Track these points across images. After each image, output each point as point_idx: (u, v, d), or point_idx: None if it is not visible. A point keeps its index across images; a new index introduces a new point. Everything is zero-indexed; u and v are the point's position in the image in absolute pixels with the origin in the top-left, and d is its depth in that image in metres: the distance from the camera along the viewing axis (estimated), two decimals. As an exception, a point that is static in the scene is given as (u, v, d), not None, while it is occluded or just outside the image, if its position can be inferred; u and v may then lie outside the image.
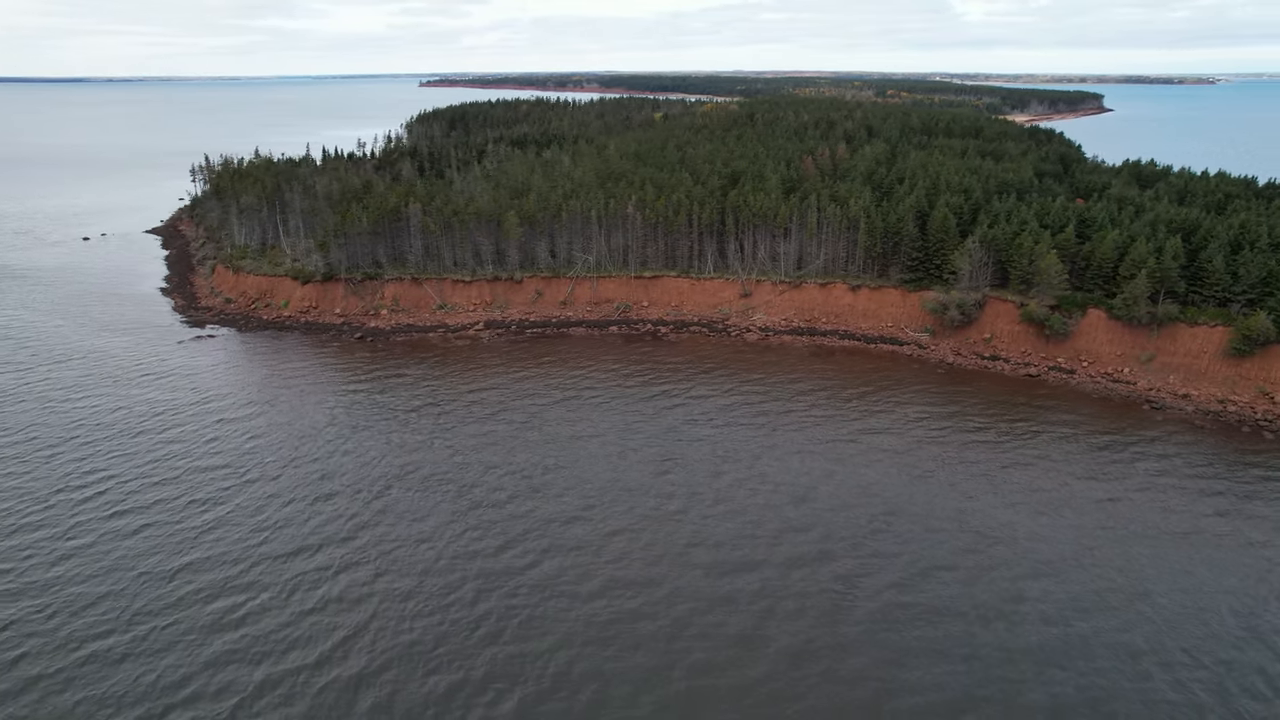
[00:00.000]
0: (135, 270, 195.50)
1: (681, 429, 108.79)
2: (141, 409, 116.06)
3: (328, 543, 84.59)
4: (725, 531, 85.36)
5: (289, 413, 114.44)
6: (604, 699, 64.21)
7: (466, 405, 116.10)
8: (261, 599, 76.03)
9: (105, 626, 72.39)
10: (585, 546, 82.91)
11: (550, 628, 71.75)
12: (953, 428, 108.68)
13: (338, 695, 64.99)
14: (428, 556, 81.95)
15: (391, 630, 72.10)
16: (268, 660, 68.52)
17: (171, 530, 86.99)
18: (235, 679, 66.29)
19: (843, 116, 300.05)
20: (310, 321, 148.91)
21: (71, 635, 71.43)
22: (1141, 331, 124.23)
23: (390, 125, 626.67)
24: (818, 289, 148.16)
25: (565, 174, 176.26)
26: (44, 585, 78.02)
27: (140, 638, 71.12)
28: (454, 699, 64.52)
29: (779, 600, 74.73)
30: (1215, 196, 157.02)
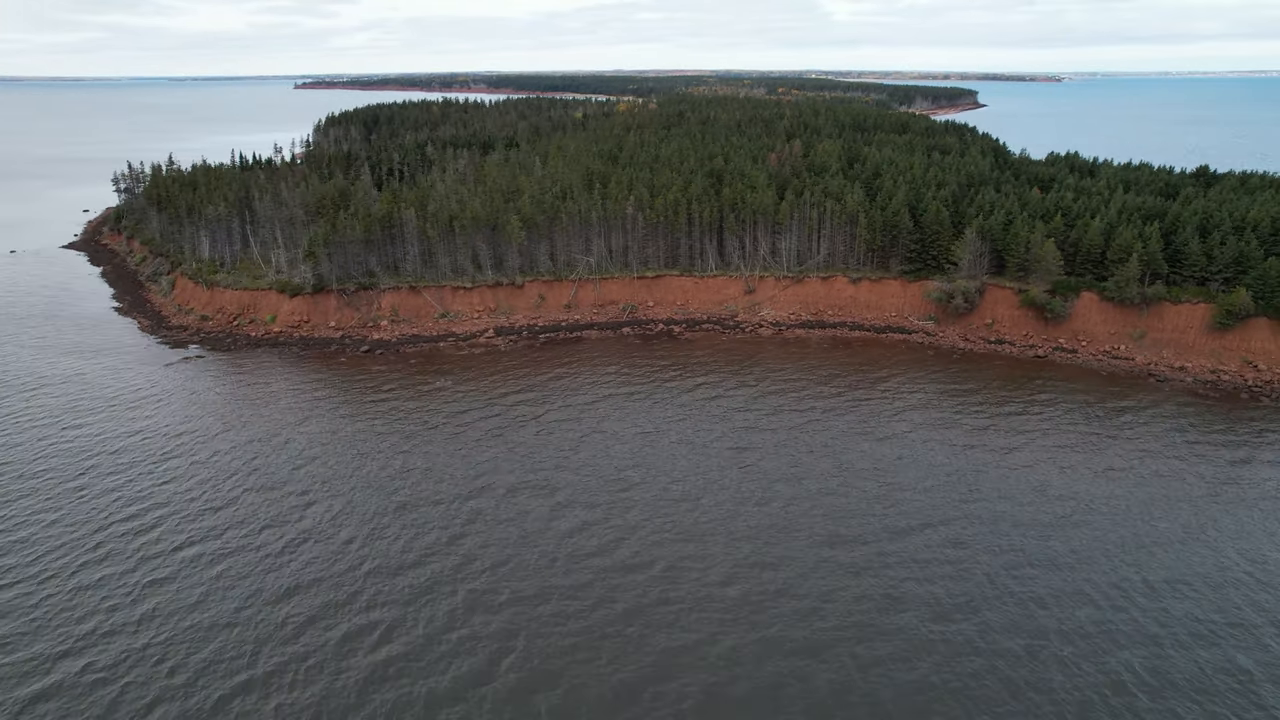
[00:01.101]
0: (70, 289, 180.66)
1: (733, 418, 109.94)
2: (157, 434, 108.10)
3: (429, 555, 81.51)
4: (848, 517, 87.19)
5: (327, 430, 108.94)
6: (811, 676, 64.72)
7: (512, 410, 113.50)
8: (387, 619, 72.57)
9: (231, 665, 67.43)
10: (708, 536, 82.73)
11: (699, 620, 71.47)
12: (984, 407, 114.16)
13: (516, 708, 62.94)
14: (539, 560, 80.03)
15: (543, 637, 70.31)
16: (431, 677, 65.49)
17: (254, 557, 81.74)
18: (402, 699, 63.09)
19: (775, 115, 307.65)
20: (305, 337, 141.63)
21: (196, 679, 66.20)
22: (1132, 311, 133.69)
23: (285, 130, 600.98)
24: (820, 283, 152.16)
25: (551, 176, 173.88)
26: (138, 625, 71.88)
27: (276, 671, 66.63)
28: (638, 697, 63.42)
29: (926, 566, 76.98)
30: (1157, 185, 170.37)
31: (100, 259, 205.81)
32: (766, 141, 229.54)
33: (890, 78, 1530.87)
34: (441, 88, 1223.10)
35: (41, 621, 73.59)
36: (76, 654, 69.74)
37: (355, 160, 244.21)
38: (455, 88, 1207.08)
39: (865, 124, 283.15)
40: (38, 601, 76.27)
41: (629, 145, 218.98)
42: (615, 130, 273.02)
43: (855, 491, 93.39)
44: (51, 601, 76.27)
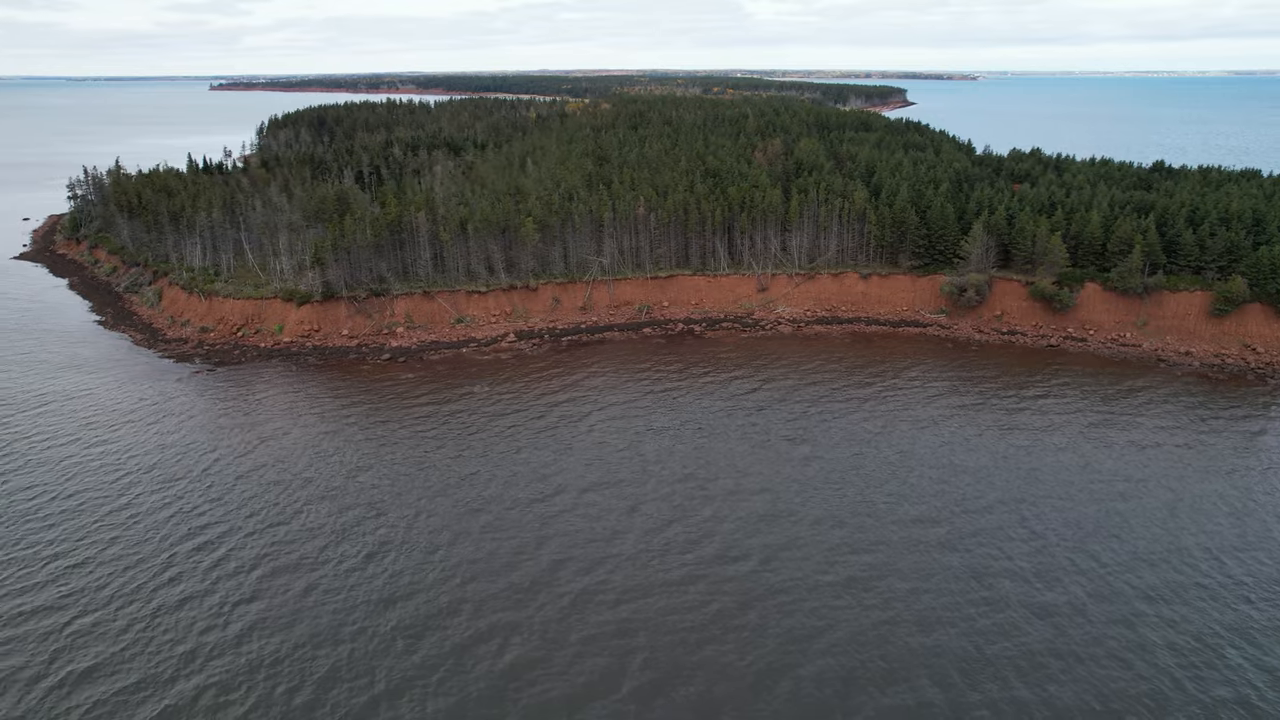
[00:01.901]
0: (41, 302, 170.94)
1: (777, 410, 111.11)
2: (189, 448, 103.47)
3: (520, 558, 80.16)
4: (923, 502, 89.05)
5: (372, 438, 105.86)
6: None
7: (555, 411, 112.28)
8: (500, 624, 71.12)
9: (353, 684, 65.07)
10: (792, 526, 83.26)
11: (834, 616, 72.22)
12: (1011, 392, 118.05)
13: (663, 704, 62.46)
14: (635, 556, 79.30)
15: (665, 632, 70.01)
16: (565, 679, 64.44)
17: (337, 570, 79.06)
18: (543, 704, 62.10)
19: (739, 114, 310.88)
20: (319, 346, 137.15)
21: (318, 699, 63.67)
22: (1134, 300, 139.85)
23: (216, 132, 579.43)
24: (831, 279, 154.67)
25: (552, 177, 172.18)
26: (238, 646, 68.64)
27: (402, 687, 64.56)
28: (778, 682, 63.61)
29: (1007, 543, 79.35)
30: (1130, 179, 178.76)
31: (62, 270, 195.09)
32: (745, 140, 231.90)
33: (814, 76, 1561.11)
34: (369, 89, 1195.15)
35: (135, 647, 69.96)
36: (184, 678, 66.55)
37: (320, 164, 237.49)
38: (383, 89, 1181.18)
39: (829, 122, 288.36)
40: (125, 625, 72.53)
41: (607, 146, 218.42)
42: (584, 131, 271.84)
43: (918, 475, 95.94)
44: (138, 626, 72.53)
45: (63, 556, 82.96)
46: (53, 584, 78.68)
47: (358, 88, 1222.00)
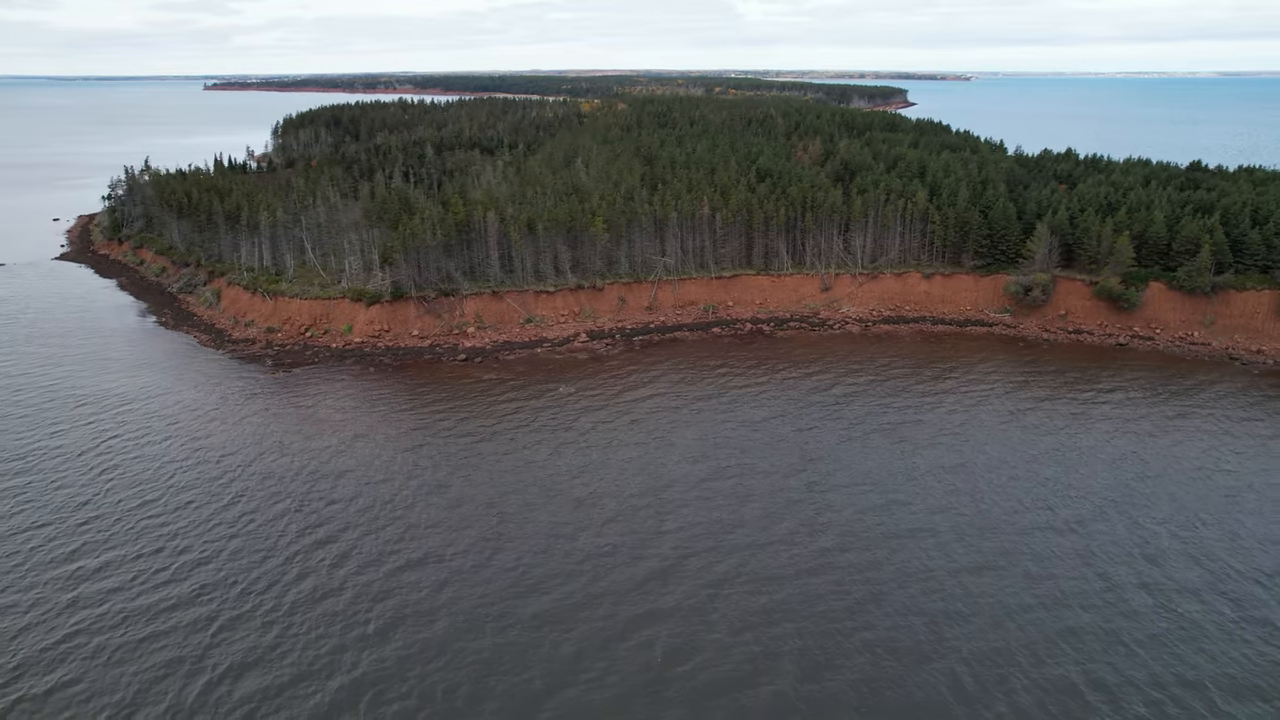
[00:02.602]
0: (93, 303, 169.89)
1: (867, 408, 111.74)
2: (286, 448, 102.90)
3: (672, 555, 79.84)
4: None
5: (471, 438, 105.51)
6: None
7: (643, 407, 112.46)
8: (663, 617, 71.08)
9: (516, 690, 64.90)
10: (926, 520, 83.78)
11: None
12: (1098, 392, 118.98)
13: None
14: (792, 555, 79.24)
15: (826, 631, 70.02)
16: (747, 683, 64.52)
17: (470, 570, 78.64)
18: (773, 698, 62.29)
19: (763, 115, 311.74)
20: (391, 347, 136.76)
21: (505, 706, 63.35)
22: (1200, 299, 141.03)
23: (224, 132, 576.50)
24: (894, 279, 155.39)
25: (610, 178, 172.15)
26: (395, 649, 68.45)
27: (590, 690, 64.34)
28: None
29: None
30: (1179, 179, 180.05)
31: (107, 270, 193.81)
32: (782, 141, 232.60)
33: (807, 76, 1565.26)
34: (366, 89, 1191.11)
35: (283, 643, 69.80)
36: (340, 673, 66.39)
37: (352, 163, 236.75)
38: (381, 88, 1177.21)
39: (856, 122, 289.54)
40: (266, 621, 72.70)
41: (649, 145, 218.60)
42: (614, 131, 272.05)
43: (1038, 477, 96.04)
44: (280, 623, 72.48)
45: (188, 552, 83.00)
46: (185, 580, 78.68)
47: (355, 87, 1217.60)
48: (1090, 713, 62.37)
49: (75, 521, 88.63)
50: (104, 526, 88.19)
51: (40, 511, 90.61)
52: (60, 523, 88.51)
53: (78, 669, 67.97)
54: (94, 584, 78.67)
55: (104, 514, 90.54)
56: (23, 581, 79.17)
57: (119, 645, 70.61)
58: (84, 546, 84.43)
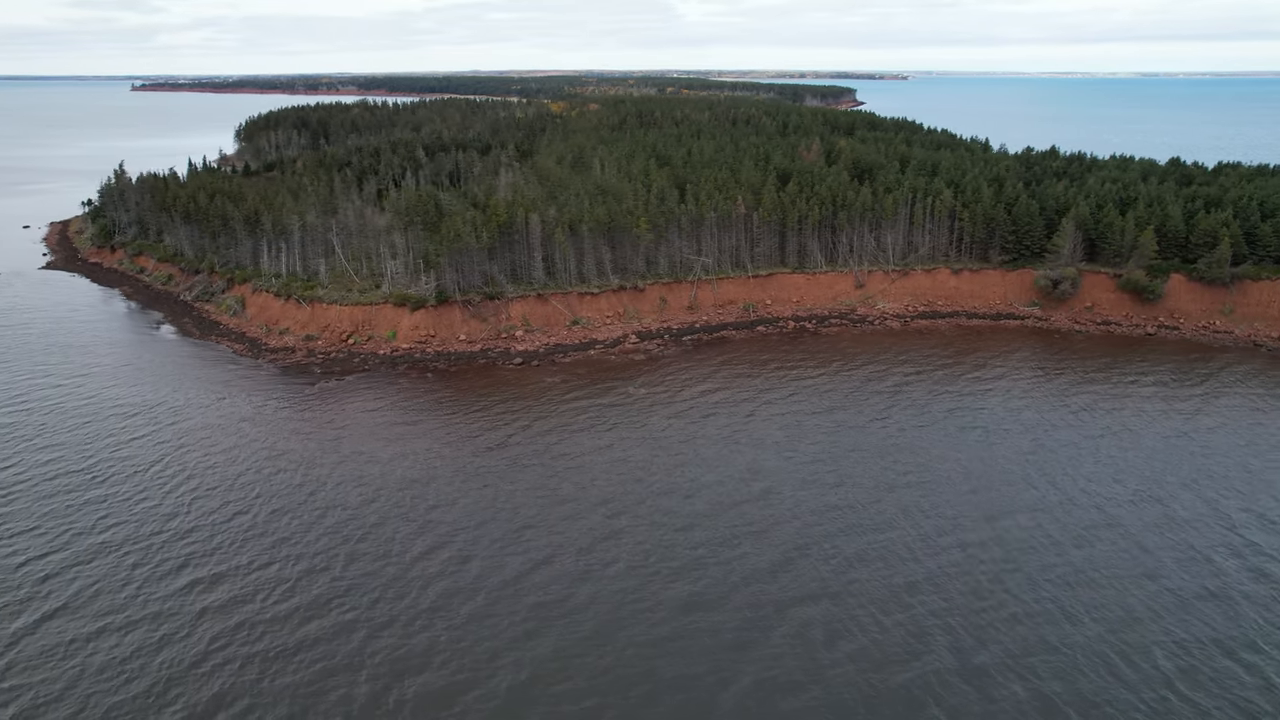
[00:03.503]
0: (102, 311, 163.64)
1: (929, 400, 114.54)
2: (376, 459, 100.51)
3: (802, 551, 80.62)
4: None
5: (554, 440, 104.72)
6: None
7: (717, 405, 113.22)
8: (834, 617, 71.90)
9: (717, 691, 64.98)
10: (1026, 512, 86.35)
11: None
12: (1135, 378, 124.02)
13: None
14: (930, 548, 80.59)
15: (985, 624, 71.78)
16: (925, 668, 66.00)
17: (621, 575, 78.17)
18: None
19: (746, 115, 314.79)
20: (440, 352, 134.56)
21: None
22: (1220, 289, 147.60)
23: (168, 135, 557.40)
24: (924, 275, 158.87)
25: (631, 178, 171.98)
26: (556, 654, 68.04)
27: (784, 692, 64.75)
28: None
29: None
30: (1173, 176, 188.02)
31: (105, 279, 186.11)
32: (779, 140, 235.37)
33: (750, 76, 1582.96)
34: (307, 90, 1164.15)
35: (442, 649, 68.94)
36: (501, 671, 65.65)
37: (346, 165, 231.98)
38: (323, 90, 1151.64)
39: (838, 122, 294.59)
40: (414, 626, 71.53)
41: (652, 145, 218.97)
42: (602, 131, 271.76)
43: (1106, 456, 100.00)
44: (430, 629, 71.69)
45: (300, 560, 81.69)
46: (310, 589, 77.39)
47: (296, 89, 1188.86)
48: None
49: (169, 535, 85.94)
50: (202, 538, 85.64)
51: (129, 526, 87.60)
52: (155, 535, 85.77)
53: (233, 682, 66.06)
54: (212, 595, 76.58)
55: (197, 526, 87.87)
56: (138, 597, 76.44)
57: (268, 656, 68.82)
58: (190, 560, 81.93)
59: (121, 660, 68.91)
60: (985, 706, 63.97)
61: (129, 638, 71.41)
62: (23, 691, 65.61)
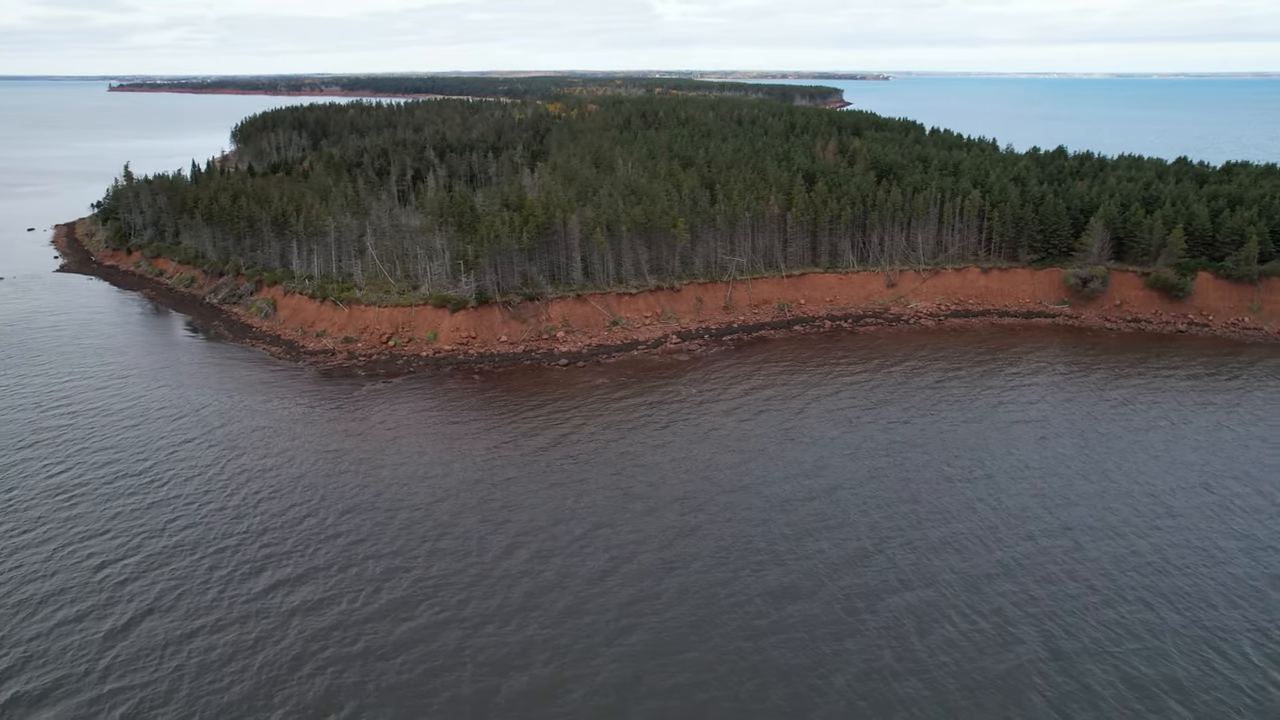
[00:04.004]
0: (128, 314, 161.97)
1: (977, 395, 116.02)
2: (451, 463, 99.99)
3: (902, 539, 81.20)
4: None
5: (614, 438, 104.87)
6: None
7: (770, 403, 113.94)
8: (934, 608, 72.60)
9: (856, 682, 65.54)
10: (1100, 504, 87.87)
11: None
12: (1171, 373, 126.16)
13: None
14: (1001, 539, 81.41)
15: (1080, 620, 72.89)
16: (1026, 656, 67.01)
17: (726, 580, 78.30)
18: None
19: (753, 115, 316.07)
20: (483, 353, 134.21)
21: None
22: (1246, 286, 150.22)
23: (155, 135, 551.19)
24: (954, 274, 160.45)
25: (655, 178, 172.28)
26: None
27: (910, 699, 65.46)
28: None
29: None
30: (1186, 175, 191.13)
31: (124, 282, 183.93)
32: (794, 140, 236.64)
33: (733, 76, 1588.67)
34: (290, 91, 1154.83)
35: (539, 649, 68.79)
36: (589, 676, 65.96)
37: (356, 165, 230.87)
38: (306, 90, 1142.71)
39: (843, 121, 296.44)
40: (510, 627, 71.07)
41: (675, 146, 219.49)
42: (609, 132, 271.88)
43: (1154, 450, 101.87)
44: (525, 630, 71.48)
45: (380, 559, 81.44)
46: (400, 589, 77.09)
47: (278, 89, 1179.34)
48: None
49: (241, 536, 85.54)
50: (275, 540, 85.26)
51: (199, 528, 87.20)
52: (226, 538, 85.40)
53: (337, 683, 65.96)
54: (298, 596, 76.37)
55: (268, 528, 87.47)
56: (223, 599, 76.05)
57: (368, 657, 68.65)
58: (268, 561, 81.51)
59: (220, 662, 68.52)
60: (1085, 695, 64.96)
61: (223, 639, 71.04)
62: (128, 694, 65.19)
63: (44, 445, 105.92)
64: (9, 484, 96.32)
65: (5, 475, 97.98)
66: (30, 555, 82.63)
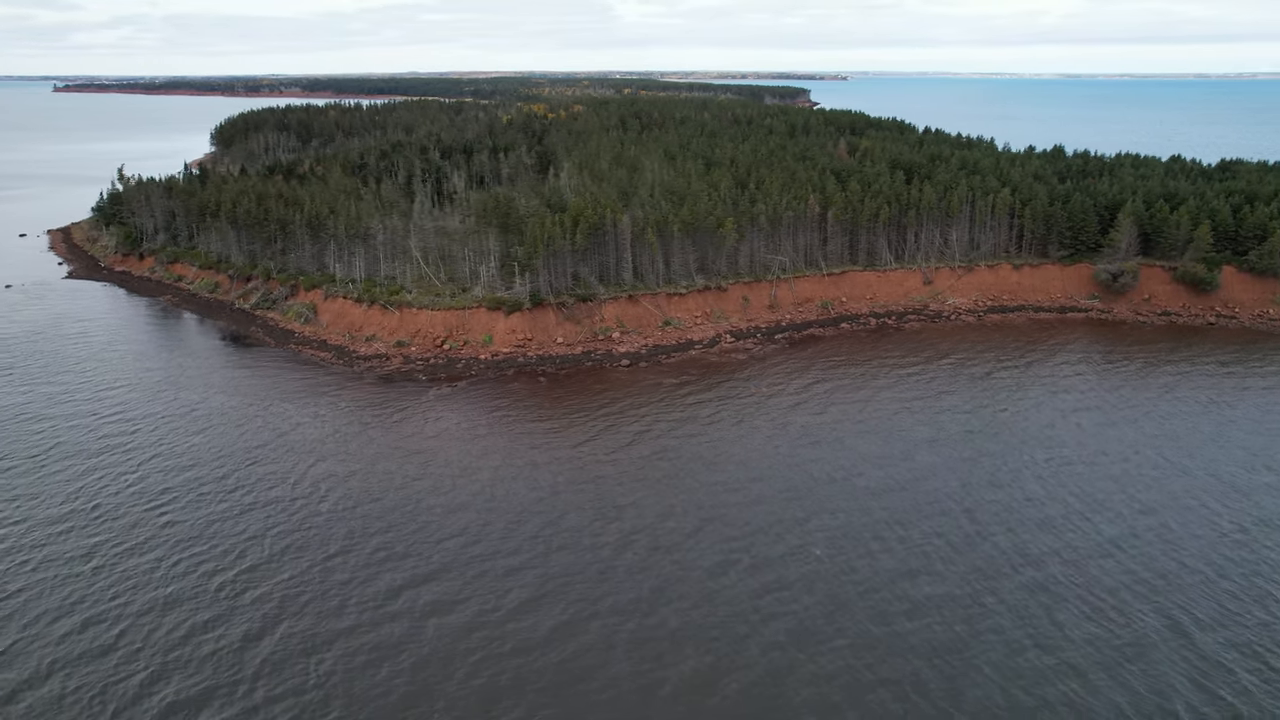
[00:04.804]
0: (156, 321, 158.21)
1: (1030, 385, 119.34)
2: (551, 463, 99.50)
3: (1018, 537, 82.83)
4: None
5: (698, 435, 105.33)
6: None
7: (842, 399, 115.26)
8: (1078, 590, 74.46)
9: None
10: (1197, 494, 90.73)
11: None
12: (1214, 364, 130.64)
13: None
14: (1090, 527, 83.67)
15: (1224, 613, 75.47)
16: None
17: (873, 583, 79.34)
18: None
19: (745, 116, 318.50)
20: (541, 355, 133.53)
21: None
22: (1269, 280, 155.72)
23: (114, 138, 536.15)
24: (987, 271, 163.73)
25: (698, 179, 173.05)
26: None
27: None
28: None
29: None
30: (1193, 173, 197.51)
31: (141, 288, 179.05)
32: (800, 140, 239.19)
33: (693, 76, 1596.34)
34: (248, 92, 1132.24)
35: (707, 644, 68.94)
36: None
37: (362, 167, 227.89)
38: (264, 92, 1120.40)
39: (840, 122, 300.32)
40: (689, 633, 71.28)
41: (673, 145, 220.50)
42: (610, 133, 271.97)
43: (1226, 439, 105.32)
44: (683, 621, 71.50)
45: (501, 555, 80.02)
46: (529, 592, 76.70)
47: (236, 90, 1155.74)
48: None
49: (345, 540, 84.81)
50: (386, 543, 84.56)
51: (301, 534, 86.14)
52: (330, 542, 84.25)
53: (493, 680, 65.73)
54: (424, 596, 76.25)
55: (372, 530, 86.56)
56: (349, 603, 75.22)
57: (517, 652, 68.50)
58: (384, 564, 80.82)
59: (368, 666, 67.83)
60: (1216, 669, 66.91)
61: (363, 643, 70.26)
62: (285, 700, 64.42)
63: (113, 454, 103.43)
64: (90, 495, 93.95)
65: (85, 485, 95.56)
66: (137, 564, 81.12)
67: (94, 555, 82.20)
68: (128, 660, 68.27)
